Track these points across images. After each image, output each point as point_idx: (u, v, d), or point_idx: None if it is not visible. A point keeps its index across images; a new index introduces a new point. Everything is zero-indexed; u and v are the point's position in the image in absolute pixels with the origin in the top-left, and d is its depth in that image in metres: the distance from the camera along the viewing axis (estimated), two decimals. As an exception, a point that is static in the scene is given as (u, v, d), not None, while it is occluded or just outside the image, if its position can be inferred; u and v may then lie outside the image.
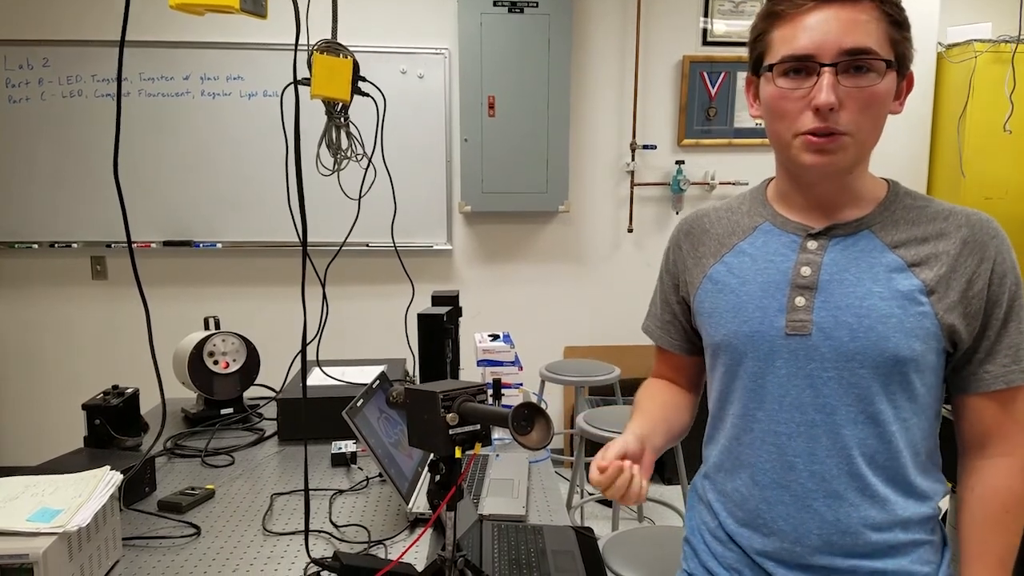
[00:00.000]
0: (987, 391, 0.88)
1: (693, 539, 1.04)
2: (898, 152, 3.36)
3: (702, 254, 1.00)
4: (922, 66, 3.25)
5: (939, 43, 3.24)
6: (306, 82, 1.39)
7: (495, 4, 3.03)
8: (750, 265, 0.94)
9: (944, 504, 0.94)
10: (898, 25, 0.83)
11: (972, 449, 0.92)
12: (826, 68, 0.81)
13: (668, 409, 1.04)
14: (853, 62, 0.81)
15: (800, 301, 0.88)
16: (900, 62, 0.84)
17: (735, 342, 0.93)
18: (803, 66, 0.83)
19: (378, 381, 1.37)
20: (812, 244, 0.90)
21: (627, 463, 0.83)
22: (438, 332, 1.59)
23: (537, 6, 3.05)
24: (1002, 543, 0.88)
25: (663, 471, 3.31)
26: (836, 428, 0.87)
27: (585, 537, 1.14)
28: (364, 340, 3.36)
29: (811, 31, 0.81)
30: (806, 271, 0.89)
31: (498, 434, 1.59)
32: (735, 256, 0.96)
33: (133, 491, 1.26)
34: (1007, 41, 3.06)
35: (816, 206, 0.91)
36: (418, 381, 1.74)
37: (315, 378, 1.73)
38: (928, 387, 0.88)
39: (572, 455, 3.39)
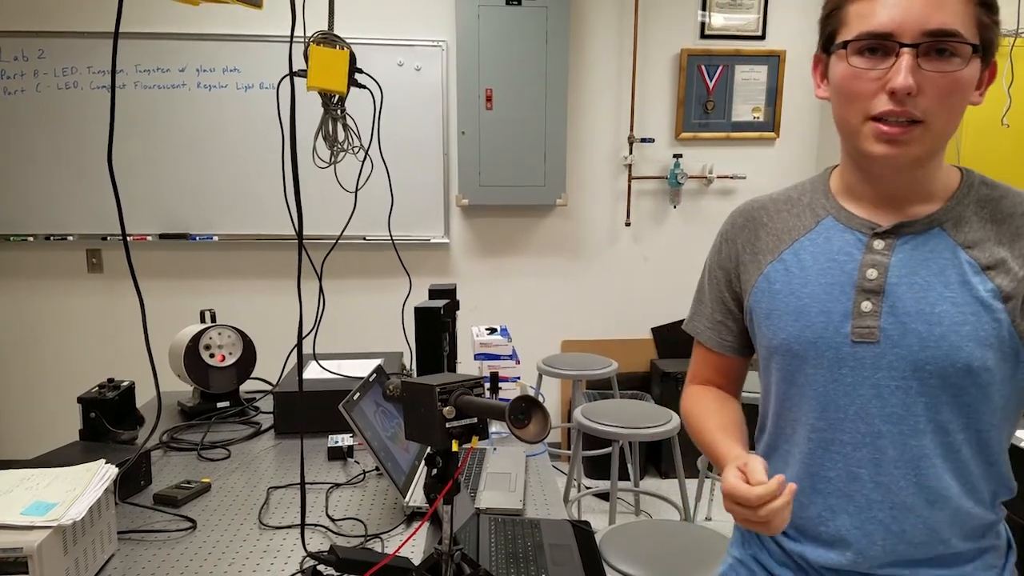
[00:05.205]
0: None
1: (746, 531, 1.01)
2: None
3: (759, 250, 0.93)
4: (920, 60, 3.25)
5: (938, 37, 3.23)
6: (302, 74, 1.38)
7: (493, -4, 3.02)
8: (811, 264, 0.87)
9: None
10: (988, 7, 0.77)
11: None
12: (906, 49, 0.74)
13: (742, 428, 0.96)
14: (936, 44, 0.74)
15: (867, 306, 0.83)
16: (986, 48, 0.77)
17: (796, 347, 0.87)
18: (880, 45, 0.76)
19: (375, 374, 1.36)
20: (879, 244, 0.83)
21: (791, 486, 0.75)
22: (435, 325, 1.58)
23: (535, -2, 3.03)
24: None
25: (660, 465, 3.31)
26: (903, 439, 0.83)
27: (582, 531, 1.14)
28: (361, 333, 3.35)
29: (892, 8, 0.74)
30: (872, 273, 0.83)
31: (495, 428, 1.58)
32: (794, 254, 0.89)
33: (128, 484, 1.26)
34: (1005, 35, 3.05)
35: (884, 200, 0.84)
36: (415, 375, 1.74)
37: (311, 371, 1.72)
38: (1005, 397, 0.82)
39: (569, 449, 3.40)
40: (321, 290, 1.32)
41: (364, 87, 1.49)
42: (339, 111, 1.54)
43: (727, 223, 0.99)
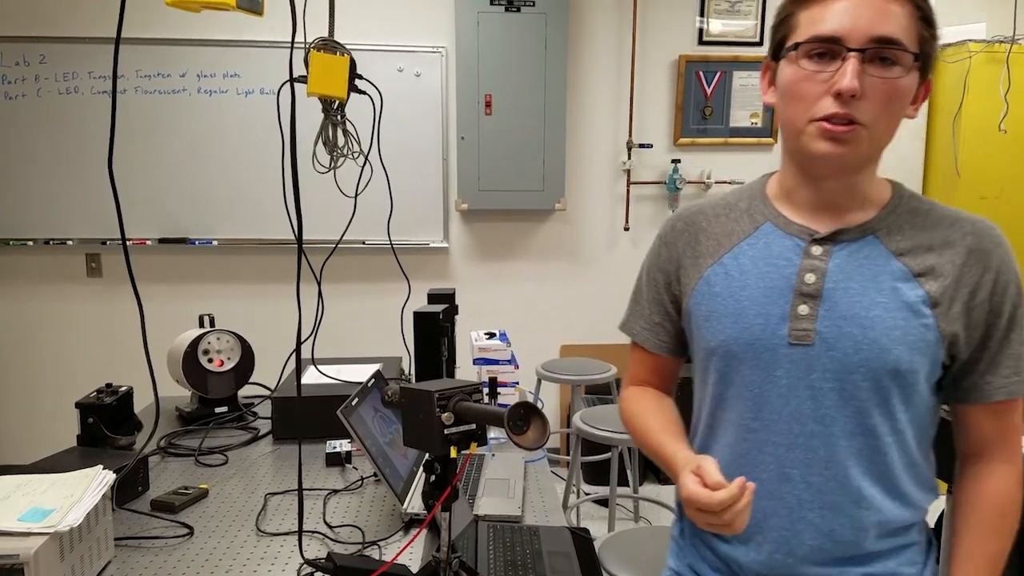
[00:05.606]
0: (988, 402, 0.87)
1: (682, 542, 1.04)
2: (894, 151, 3.36)
3: (699, 253, 0.95)
4: (918, 66, 3.26)
5: (935, 43, 3.24)
6: (303, 80, 1.38)
7: (492, 3, 3.03)
8: (751, 268, 0.90)
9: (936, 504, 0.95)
10: (928, 23, 0.81)
11: (970, 456, 0.91)
12: (852, 53, 0.78)
13: (682, 426, 0.98)
14: (880, 51, 0.78)
15: (803, 309, 0.86)
16: (925, 60, 0.82)
17: (734, 348, 0.89)
18: (828, 49, 0.79)
19: (373, 380, 1.36)
20: (817, 249, 0.87)
21: (750, 486, 0.76)
22: (434, 330, 1.58)
23: (534, 5, 3.04)
24: (995, 547, 0.88)
25: (659, 471, 3.31)
26: (833, 439, 0.86)
27: (581, 538, 1.14)
28: (360, 338, 3.35)
29: (841, 15, 0.78)
30: (810, 278, 0.86)
31: (494, 433, 1.58)
32: (734, 258, 0.92)
33: (126, 490, 1.25)
34: (1001, 41, 3.06)
35: (821, 206, 0.88)
36: (414, 380, 1.73)
37: (310, 376, 1.72)
38: (924, 398, 0.87)
39: (568, 454, 3.39)
40: (320, 295, 1.32)
41: (364, 93, 1.49)
42: (339, 117, 1.54)
43: (666, 227, 1.01)
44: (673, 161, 3.34)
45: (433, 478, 0.88)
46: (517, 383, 1.68)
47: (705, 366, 0.95)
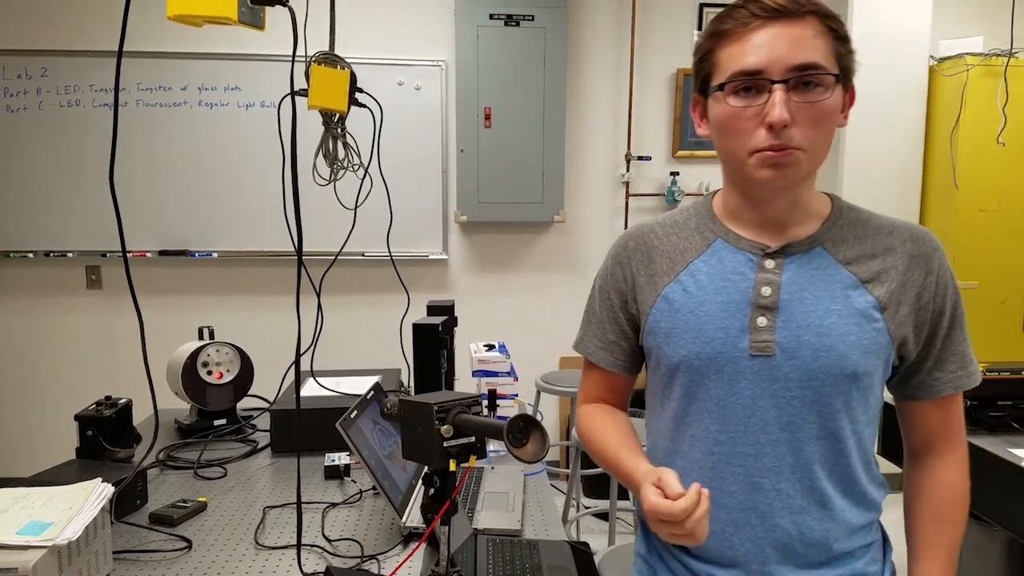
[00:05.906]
0: (936, 397, 0.92)
1: (650, 559, 1.03)
2: (892, 164, 3.37)
3: (654, 272, 0.97)
4: (915, 79, 3.28)
5: (931, 56, 3.27)
6: (304, 93, 1.40)
7: (492, 17, 3.05)
8: (708, 284, 0.92)
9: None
10: (842, 40, 0.84)
11: (919, 450, 0.96)
12: (777, 84, 0.81)
13: (638, 439, 1.00)
14: (802, 77, 0.81)
15: (762, 321, 0.88)
16: (845, 75, 0.85)
17: (697, 363, 0.91)
18: (753, 83, 0.82)
19: (372, 392, 1.36)
20: (770, 263, 0.90)
21: (705, 492, 0.77)
22: (433, 342, 1.58)
23: (533, 19, 3.07)
24: (950, 536, 0.92)
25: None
26: (799, 445, 0.88)
27: (581, 552, 1.14)
28: (359, 350, 3.35)
29: (759, 48, 0.81)
30: (766, 291, 0.88)
31: (493, 446, 1.58)
32: (690, 275, 0.94)
33: (124, 504, 1.25)
34: (998, 55, 3.09)
35: (767, 223, 0.91)
36: (413, 392, 1.73)
37: (309, 389, 1.72)
38: (877, 398, 0.92)
39: (568, 468, 3.38)
40: (320, 306, 1.32)
41: (364, 106, 1.50)
42: (339, 129, 1.55)
43: (618, 246, 1.02)
44: (672, 173, 3.35)
45: (432, 491, 0.88)
46: (516, 395, 1.68)
47: (667, 382, 0.96)
